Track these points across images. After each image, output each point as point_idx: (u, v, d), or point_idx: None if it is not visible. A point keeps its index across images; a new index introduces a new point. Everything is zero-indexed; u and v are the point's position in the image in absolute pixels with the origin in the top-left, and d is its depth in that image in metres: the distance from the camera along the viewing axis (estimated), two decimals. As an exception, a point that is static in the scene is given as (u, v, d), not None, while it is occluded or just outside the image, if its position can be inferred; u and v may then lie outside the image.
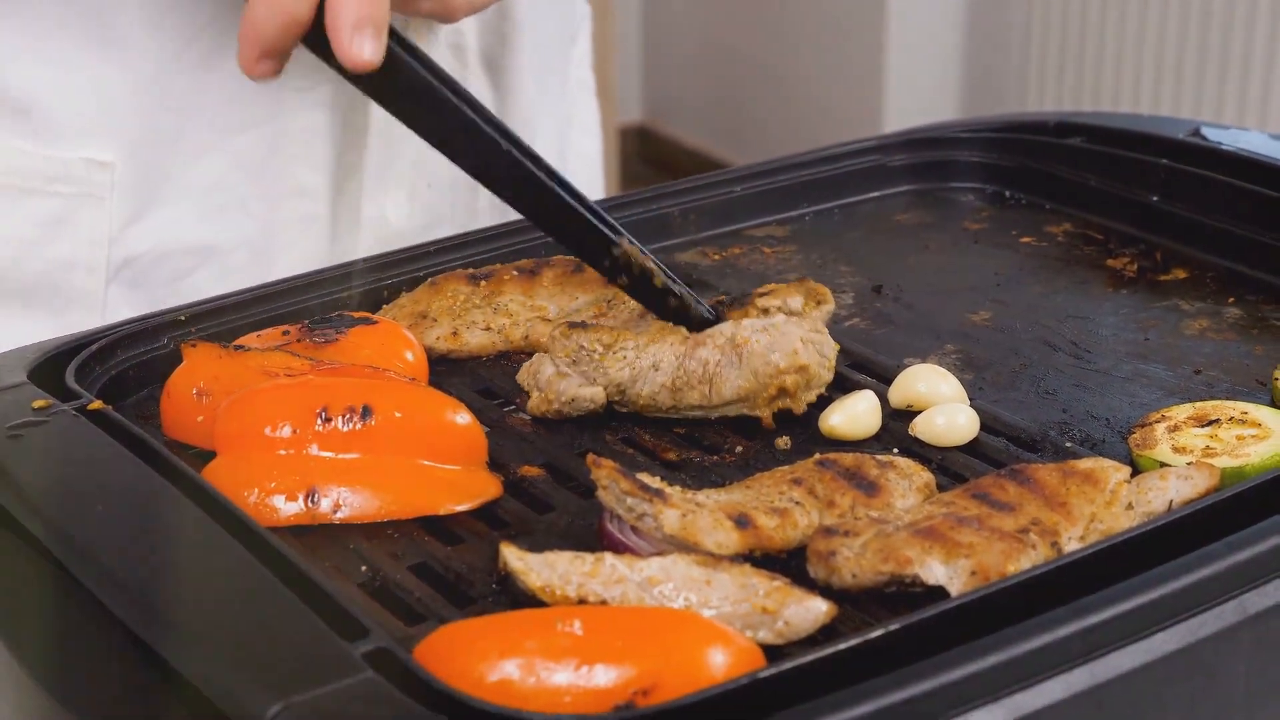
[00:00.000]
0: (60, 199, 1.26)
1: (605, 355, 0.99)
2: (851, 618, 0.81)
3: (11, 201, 1.26)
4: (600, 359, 0.99)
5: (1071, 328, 1.13)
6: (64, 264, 1.27)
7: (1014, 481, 0.87)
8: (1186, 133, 1.31)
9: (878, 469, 0.90)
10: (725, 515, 0.85)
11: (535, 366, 1.01)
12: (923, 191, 1.38)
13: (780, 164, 1.35)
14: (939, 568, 0.81)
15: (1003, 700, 0.72)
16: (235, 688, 0.70)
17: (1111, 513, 0.86)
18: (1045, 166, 1.36)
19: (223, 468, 0.90)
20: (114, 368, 1.03)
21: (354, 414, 0.90)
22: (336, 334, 1.01)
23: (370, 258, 1.19)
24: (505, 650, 0.72)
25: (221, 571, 0.79)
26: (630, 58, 5.01)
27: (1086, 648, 0.74)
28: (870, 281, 1.21)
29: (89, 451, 0.90)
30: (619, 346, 1.00)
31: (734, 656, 0.73)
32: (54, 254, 1.27)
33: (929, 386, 1.01)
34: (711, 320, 1.03)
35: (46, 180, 1.26)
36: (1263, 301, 1.16)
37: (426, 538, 0.88)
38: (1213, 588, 0.78)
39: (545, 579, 0.80)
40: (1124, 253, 1.25)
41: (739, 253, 1.27)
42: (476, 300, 1.11)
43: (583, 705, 0.71)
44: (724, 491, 0.89)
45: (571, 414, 1.00)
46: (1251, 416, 0.96)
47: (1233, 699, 0.80)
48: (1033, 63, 3.90)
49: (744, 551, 0.84)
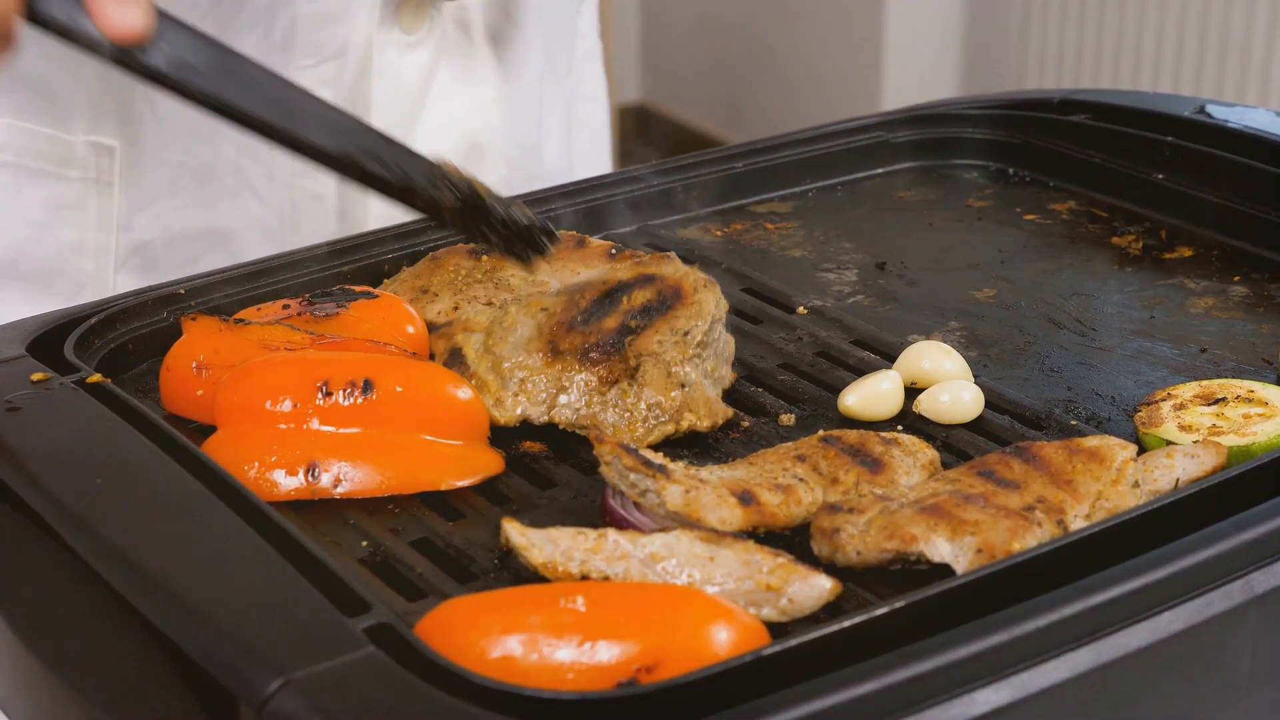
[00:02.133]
0: (68, 183, 1.26)
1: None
2: (855, 595, 0.80)
3: (24, 183, 1.26)
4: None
5: (1076, 305, 1.13)
6: (73, 248, 1.27)
7: (1019, 459, 0.87)
8: (1191, 110, 1.31)
9: (882, 446, 0.90)
10: (729, 491, 0.84)
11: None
12: (926, 168, 1.37)
13: (783, 140, 1.34)
14: (944, 545, 0.80)
15: (1008, 679, 0.71)
16: (236, 662, 0.70)
17: (1118, 491, 0.85)
18: (1049, 144, 1.35)
19: (223, 442, 0.90)
20: (113, 341, 1.03)
21: (355, 388, 0.90)
22: (337, 308, 1.01)
23: (371, 232, 1.18)
24: (508, 626, 0.72)
25: (222, 546, 0.79)
26: (629, 36, 5.00)
27: (1092, 627, 0.74)
28: (874, 258, 1.21)
29: (88, 425, 0.90)
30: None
31: (738, 634, 0.73)
32: (63, 238, 1.27)
33: (933, 363, 1.00)
34: (545, 246, 0.98)
35: (57, 163, 1.26)
36: (1269, 280, 1.16)
37: (428, 513, 0.88)
38: (1219, 567, 0.77)
39: (548, 555, 0.80)
40: (1129, 230, 1.25)
41: (741, 229, 1.26)
42: (478, 275, 1.11)
43: (585, 682, 0.70)
44: (727, 468, 0.89)
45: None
46: (1258, 395, 0.95)
47: (1238, 678, 0.80)
48: (1032, 40, 3.88)
49: (747, 528, 0.84)
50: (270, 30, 1.25)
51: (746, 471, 0.88)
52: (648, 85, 5.11)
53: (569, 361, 0.96)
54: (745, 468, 0.89)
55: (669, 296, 0.99)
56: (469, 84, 1.36)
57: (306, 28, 1.26)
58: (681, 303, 0.99)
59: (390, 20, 1.29)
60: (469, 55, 1.35)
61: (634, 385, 0.95)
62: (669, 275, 1.01)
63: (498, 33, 1.37)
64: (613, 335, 0.97)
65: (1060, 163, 1.34)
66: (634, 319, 0.98)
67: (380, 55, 1.30)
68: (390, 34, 1.29)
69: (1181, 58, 3.54)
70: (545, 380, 0.96)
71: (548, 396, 0.96)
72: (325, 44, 1.27)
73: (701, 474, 0.87)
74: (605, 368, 0.96)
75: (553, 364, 0.96)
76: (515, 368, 0.97)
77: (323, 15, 1.26)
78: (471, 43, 1.35)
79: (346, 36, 1.28)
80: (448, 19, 1.32)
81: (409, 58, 1.31)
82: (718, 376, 1.00)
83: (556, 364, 0.96)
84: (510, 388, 0.96)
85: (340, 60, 1.28)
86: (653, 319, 0.98)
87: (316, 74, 1.27)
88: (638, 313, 0.98)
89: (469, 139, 1.37)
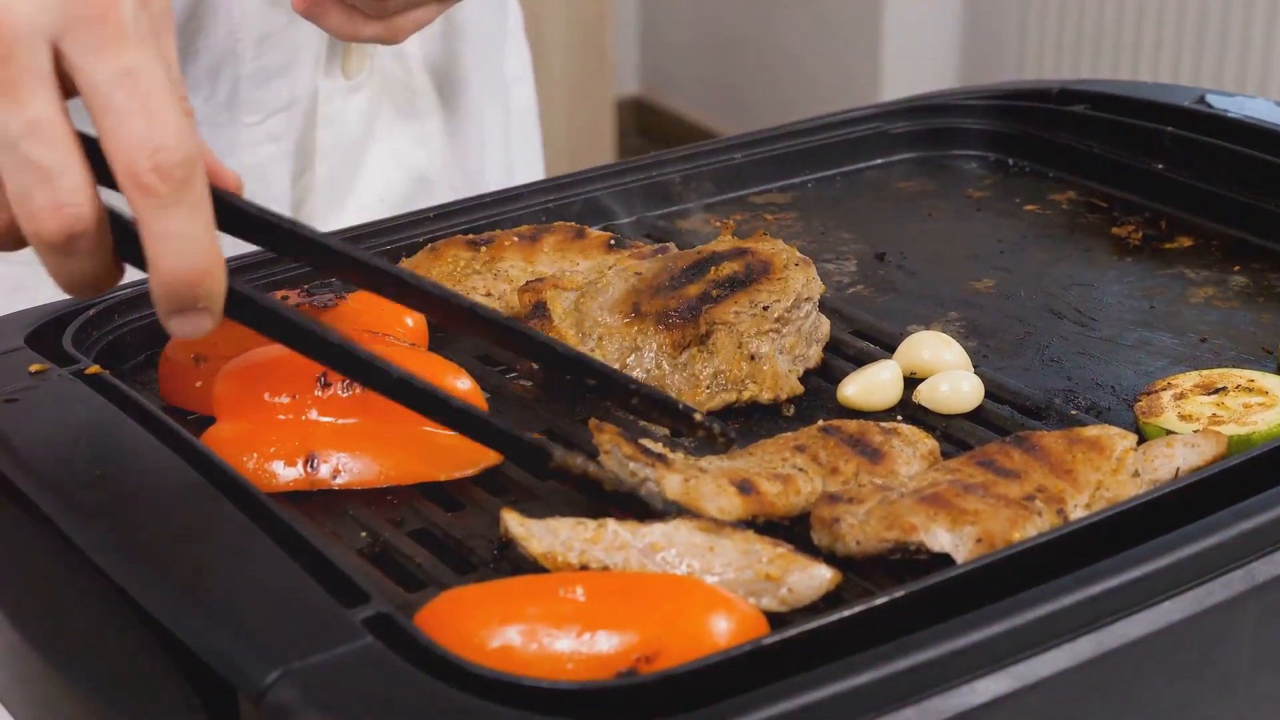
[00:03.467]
0: (24, 268, 1.16)
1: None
2: (855, 585, 0.80)
3: None
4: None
5: (1076, 295, 1.13)
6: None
7: (1019, 448, 0.87)
8: (1191, 100, 1.30)
9: (881, 436, 0.90)
10: (728, 481, 0.84)
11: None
12: (925, 159, 1.37)
13: (783, 131, 1.34)
14: (944, 535, 0.80)
15: (1008, 668, 0.71)
16: (234, 653, 0.69)
17: (1118, 480, 0.85)
18: (1049, 134, 1.35)
19: (222, 433, 0.90)
20: (112, 332, 1.03)
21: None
22: (336, 299, 1.00)
23: (369, 223, 1.18)
24: (507, 616, 0.72)
25: (220, 537, 0.79)
26: (627, 29, 4.99)
27: (1092, 616, 0.73)
28: (873, 249, 1.21)
29: (86, 416, 0.89)
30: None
31: (737, 623, 0.73)
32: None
33: (933, 353, 1.00)
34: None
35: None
36: (1269, 269, 1.15)
37: (427, 504, 0.88)
38: (1219, 556, 0.77)
39: (547, 545, 0.80)
40: (1129, 221, 1.25)
41: (741, 219, 1.26)
42: (477, 266, 1.10)
43: (585, 672, 0.70)
44: (727, 458, 0.89)
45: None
46: (1258, 384, 0.95)
47: (1238, 667, 0.80)
48: (1031, 31, 3.88)
49: (747, 517, 0.84)
50: (214, 92, 1.26)
51: (746, 462, 0.88)
52: (646, 78, 5.11)
53: (646, 323, 0.98)
54: (745, 458, 0.89)
55: (756, 270, 1.01)
56: (412, 119, 1.37)
57: (250, 85, 1.27)
58: (767, 277, 1.00)
59: (334, 68, 1.29)
60: (410, 89, 1.36)
61: (704, 351, 0.97)
62: (762, 250, 1.03)
63: (435, 63, 1.38)
64: (693, 301, 0.99)
65: (1059, 153, 1.34)
66: (716, 289, 1.00)
67: (326, 104, 1.30)
68: (334, 81, 1.30)
69: (1181, 47, 3.54)
70: (622, 339, 0.98)
71: (621, 354, 0.98)
72: (270, 99, 1.28)
73: (701, 463, 0.87)
74: (680, 332, 0.98)
75: (631, 325, 0.98)
76: (595, 325, 0.99)
77: (268, 70, 1.26)
78: (411, 77, 1.36)
79: (291, 89, 1.28)
80: (386, 57, 1.32)
81: (351, 102, 1.32)
82: (798, 354, 1.01)
83: (635, 325, 0.98)
84: (587, 344, 0.98)
85: (287, 113, 1.29)
86: (735, 290, 0.99)
87: (263, 129, 1.28)
88: (723, 283, 1.00)
89: (415, 174, 1.38)
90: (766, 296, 0.99)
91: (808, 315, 1.01)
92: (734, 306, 0.99)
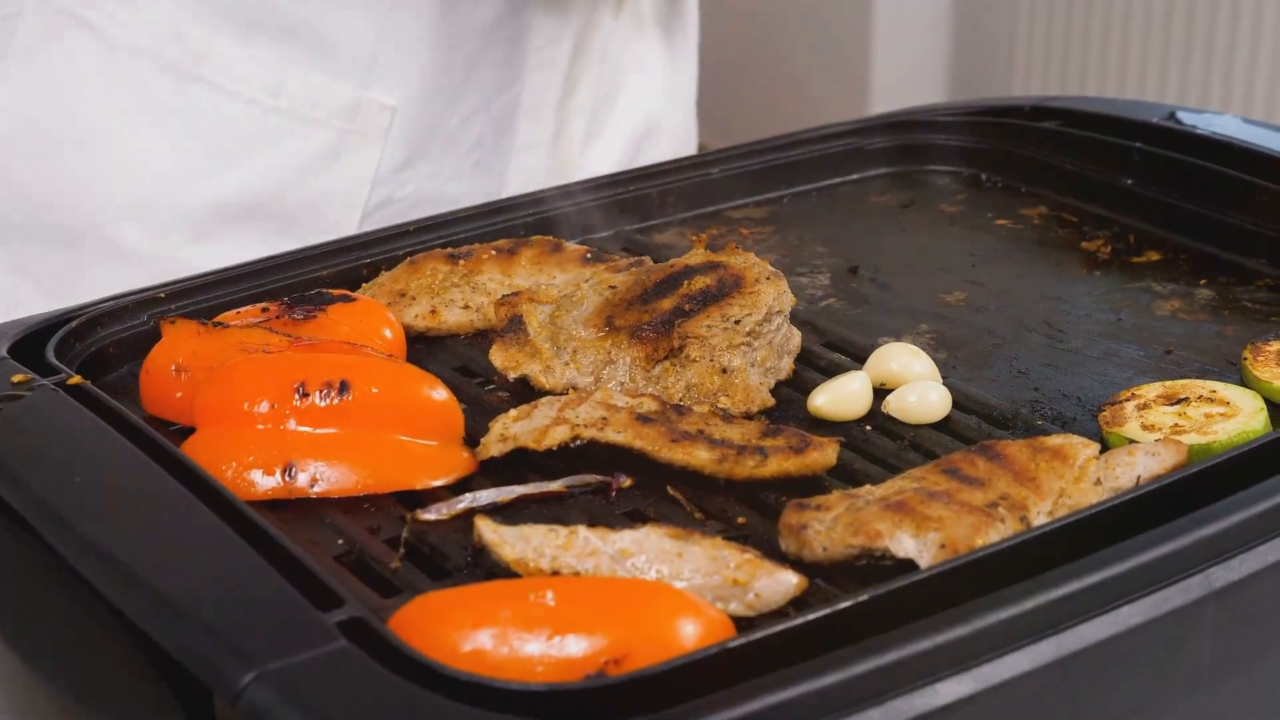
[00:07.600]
0: (335, 133, 1.34)
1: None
2: (822, 591, 0.82)
3: (294, 129, 1.34)
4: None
5: (1045, 308, 1.14)
6: (325, 196, 1.35)
7: (984, 457, 0.88)
8: (1161, 117, 1.32)
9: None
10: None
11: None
12: (900, 174, 1.39)
13: (759, 146, 1.36)
14: (909, 541, 0.82)
15: (970, 671, 0.72)
16: (210, 655, 0.71)
17: (1080, 488, 0.87)
18: (1021, 150, 1.37)
19: (201, 442, 0.91)
20: (94, 344, 1.04)
21: (331, 389, 0.91)
22: (315, 310, 1.02)
23: (350, 237, 1.19)
24: (479, 620, 0.73)
25: (199, 543, 0.80)
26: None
27: (1053, 620, 0.75)
28: (847, 262, 1.22)
29: (68, 426, 0.91)
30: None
31: (705, 627, 0.74)
32: (320, 185, 1.35)
33: (901, 365, 1.02)
34: None
35: (329, 113, 1.34)
36: (1234, 283, 1.17)
37: (403, 512, 0.89)
38: (1179, 562, 0.79)
39: (520, 552, 0.81)
40: (1098, 235, 1.26)
41: (717, 234, 1.28)
42: (455, 279, 1.12)
43: (555, 674, 0.72)
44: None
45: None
46: (1220, 395, 0.97)
47: (1198, 672, 0.81)
48: (1019, 47, 3.90)
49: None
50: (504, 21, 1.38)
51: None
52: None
53: (620, 337, 1.00)
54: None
55: (728, 284, 1.03)
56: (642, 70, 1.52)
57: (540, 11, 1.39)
58: (739, 291, 1.02)
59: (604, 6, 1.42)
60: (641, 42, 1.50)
61: (677, 365, 0.98)
62: (734, 264, 1.05)
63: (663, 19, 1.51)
64: (665, 315, 1.00)
65: (1032, 168, 1.35)
66: (689, 303, 1.01)
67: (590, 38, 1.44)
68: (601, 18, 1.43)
69: (1167, 64, 3.56)
70: (596, 352, 0.99)
71: (595, 368, 0.99)
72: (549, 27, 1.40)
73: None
74: (653, 345, 0.99)
75: (606, 338, 1.00)
76: (570, 338, 1.00)
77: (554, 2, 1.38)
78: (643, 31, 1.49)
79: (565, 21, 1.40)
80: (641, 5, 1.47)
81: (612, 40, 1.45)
82: (769, 367, 1.02)
83: (609, 338, 1.00)
84: (562, 357, 1.00)
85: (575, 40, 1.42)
86: (707, 304, 1.01)
87: (548, 53, 1.40)
88: (695, 297, 1.02)
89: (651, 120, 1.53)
90: (738, 310, 1.01)
91: (779, 328, 1.03)
92: (706, 320, 1.00)
